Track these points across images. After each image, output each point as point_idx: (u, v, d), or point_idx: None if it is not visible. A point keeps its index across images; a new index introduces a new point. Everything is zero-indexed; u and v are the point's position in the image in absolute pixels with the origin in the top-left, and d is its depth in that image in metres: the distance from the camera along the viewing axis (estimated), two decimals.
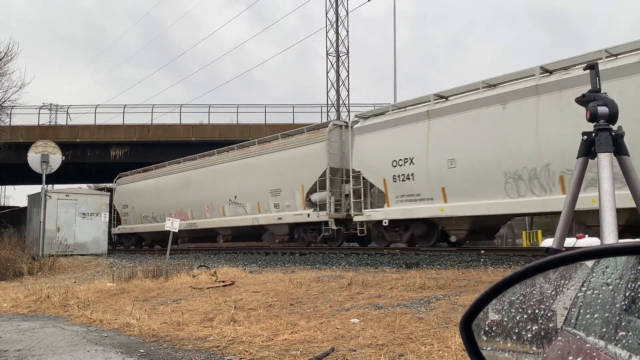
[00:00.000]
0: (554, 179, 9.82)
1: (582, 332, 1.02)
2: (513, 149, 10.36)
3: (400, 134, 12.68)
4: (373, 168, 13.49)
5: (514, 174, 10.40)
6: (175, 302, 6.97)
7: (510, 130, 10.41)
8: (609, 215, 2.34)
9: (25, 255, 14.17)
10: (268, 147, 17.20)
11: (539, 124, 9.98)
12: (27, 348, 4.77)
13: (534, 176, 10.12)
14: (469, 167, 11.13)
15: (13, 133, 28.49)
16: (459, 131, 11.31)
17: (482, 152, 10.85)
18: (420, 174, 12.21)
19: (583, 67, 2.92)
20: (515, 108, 10.37)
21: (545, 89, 9.96)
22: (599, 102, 2.50)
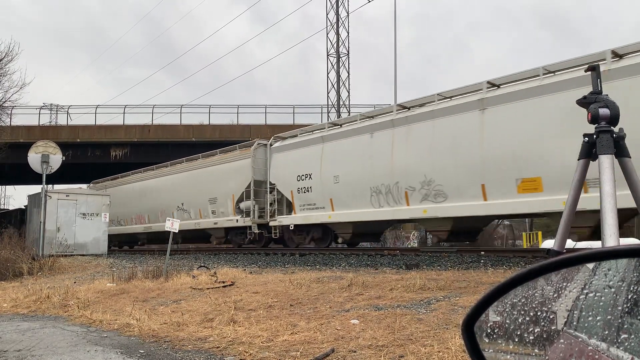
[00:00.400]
0: (401, 194, 12.41)
1: (584, 334, 1.02)
2: (376, 169, 13.00)
3: (303, 154, 15.43)
4: (284, 181, 16.25)
5: (376, 189, 13.02)
6: (175, 302, 6.97)
7: (375, 154, 13.11)
8: (610, 217, 2.34)
9: (25, 256, 14.17)
10: (209, 161, 19.89)
11: (393, 150, 12.64)
12: (27, 348, 4.77)
13: (388, 191, 12.74)
14: (348, 183, 13.83)
15: (13, 133, 28.53)
16: (342, 153, 14.05)
17: (356, 170, 13.56)
18: (316, 187, 14.86)
19: (584, 69, 2.92)
20: (379, 137, 13.07)
21: (399, 123, 12.65)
22: (600, 104, 2.50)
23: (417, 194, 11.99)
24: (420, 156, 11.89)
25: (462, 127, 10.97)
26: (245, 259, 14.41)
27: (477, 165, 10.72)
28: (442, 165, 11.37)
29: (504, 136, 10.28)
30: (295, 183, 15.48)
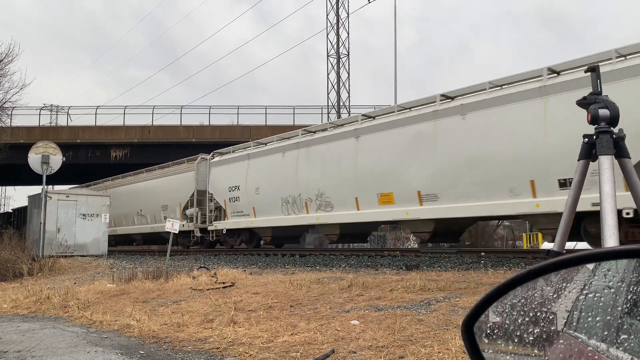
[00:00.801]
0: (302, 204, 14.97)
1: (584, 335, 1.02)
2: (286, 183, 15.48)
3: (234, 169, 18.12)
4: (219, 192, 18.85)
5: (285, 200, 15.48)
6: (175, 303, 6.97)
7: (285, 171, 15.69)
8: (610, 218, 2.34)
9: (25, 256, 14.17)
10: (163, 172, 22.70)
11: (298, 168, 15.29)
12: (27, 349, 4.77)
13: (294, 201, 15.22)
14: (266, 194, 16.33)
15: (14, 134, 28.53)
16: (262, 169, 16.65)
17: (272, 184, 16.07)
18: (242, 197, 17.47)
19: (584, 69, 2.93)
20: (288, 156, 15.67)
21: (302, 145, 15.27)
22: (600, 105, 2.50)
23: (314, 204, 14.62)
24: (316, 173, 14.56)
25: (344, 151, 13.77)
26: (245, 259, 14.40)
27: (352, 181, 13.38)
28: (330, 181, 14.03)
29: (370, 159, 12.96)
30: (228, 193, 18.21)
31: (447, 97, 11.48)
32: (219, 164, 19.08)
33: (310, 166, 14.75)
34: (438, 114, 11.44)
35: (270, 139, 17.34)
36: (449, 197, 11.11)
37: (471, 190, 10.65)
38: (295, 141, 15.56)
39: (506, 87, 10.56)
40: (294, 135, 16.04)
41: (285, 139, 16.41)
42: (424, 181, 11.59)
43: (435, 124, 11.46)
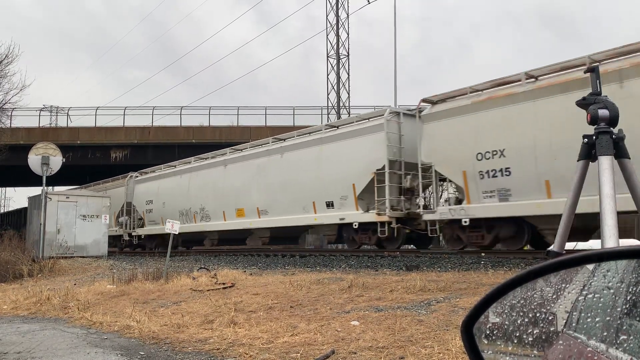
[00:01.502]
0: (192, 216, 19.51)
1: (583, 335, 1.02)
2: (182, 198, 19.88)
3: (150, 186, 22.39)
4: (140, 204, 23.15)
5: (181, 212, 19.83)
6: (175, 304, 6.96)
7: (182, 190, 20.09)
8: (610, 218, 2.34)
9: (26, 257, 14.17)
10: (105, 187, 26.20)
11: (189, 188, 19.78)
12: (27, 350, 4.77)
13: (187, 213, 19.70)
14: (170, 207, 20.44)
15: (13, 135, 28.53)
16: (168, 187, 21.04)
17: (174, 199, 20.53)
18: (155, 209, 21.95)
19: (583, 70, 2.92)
20: (184, 178, 20.20)
21: (193, 170, 20.07)
22: (600, 105, 2.50)
23: (199, 216, 19.21)
24: (199, 192, 19.13)
25: (217, 176, 18.39)
26: (245, 260, 14.40)
27: (221, 199, 17.98)
28: (208, 198, 18.61)
29: (232, 182, 17.53)
30: (145, 205, 22.60)
31: (278, 139, 16.62)
32: (140, 182, 23.49)
33: (196, 187, 19.49)
34: (269, 152, 16.39)
35: (175, 163, 22.02)
36: (275, 212, 15.86)
37: (285, 207, 15.41)
38: (188, 167, 20.47)
39: (306, 135, 15.58)
40: (188, 162, 20.84)
41: (183, 164, 21.23)
42: (261, 200, 16.28)
43: (268, 159, 16.35)
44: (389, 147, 12.62)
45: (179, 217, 19.20)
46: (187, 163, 20.75)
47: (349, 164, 13.53)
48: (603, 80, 2.71)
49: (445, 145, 11.54)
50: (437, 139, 11.73)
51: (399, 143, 12.88)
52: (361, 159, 13.21)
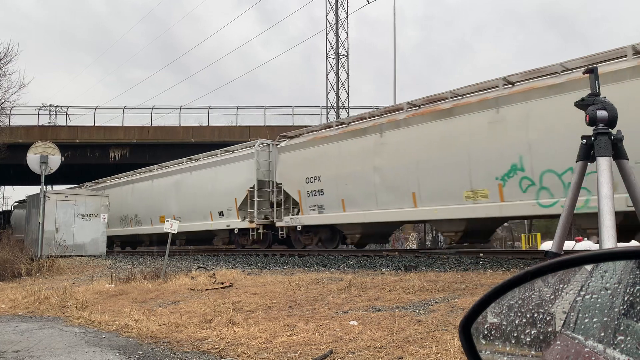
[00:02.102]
0: (129, 221, 23.30)
1: (581, 336, 1.02)
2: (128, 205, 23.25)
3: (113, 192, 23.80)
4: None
5: (129, 216, 23.28)
6: (173, 303, 6.96)
7: (127, 198, 23.35)
8: (608, 219, 2.34)
9: (24, 256, 14.15)
10: None
11: (132, 197, 23.13)
12: (25, 349, 4.76)
13: (131, 218, 23.15)
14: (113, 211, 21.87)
15: (12, 134, 28.47)
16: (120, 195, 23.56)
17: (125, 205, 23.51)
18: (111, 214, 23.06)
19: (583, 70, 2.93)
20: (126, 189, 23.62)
21: (136, 181, 23.30)
22: (599, 106, 2.50)
23: (133, 221, 23.01)
24: (135, 201, 22.67)
25: (146, 188, 22.34)
26: (244, 260, 14.40)
27: (150, 208, 21.73)
28: (141, 207, 22.38)
29: (157, 194, 21.33)
30: None
31: (191, 159, 20.46)
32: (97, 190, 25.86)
33: (133, 197, 22.97)
34: (183, 170, 20.26)
35: (121, 175, 24.95)
36: (186, 219, 18.94)
37: (193, 216, 19.18)
38: (129, 179, 23.72)
39: (207, 158, 19.52)
40: (129, 175, 24.12)
41: (126, 176, 24.23)
42: (176, 209, 19.71)
43: (182, 175, 20.26)
44: (258, 170, 16.65)
45: (120, 222, 23.58)
46: (128, 175, 24.22)
47: (233, 183, 17.56)
48: None
49: (290, 171, 15.72)
50: (285, 165, 15.91)
51: (268, 167, 16.86)
52: (240, 179, 17.15)
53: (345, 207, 13.80)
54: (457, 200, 11.15)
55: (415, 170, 11.94)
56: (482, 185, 10.73)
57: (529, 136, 9.90)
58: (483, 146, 10.69)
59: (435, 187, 11.55)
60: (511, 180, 10.26)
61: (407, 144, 12.14)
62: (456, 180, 11.11)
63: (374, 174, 12.96)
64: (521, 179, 10.11)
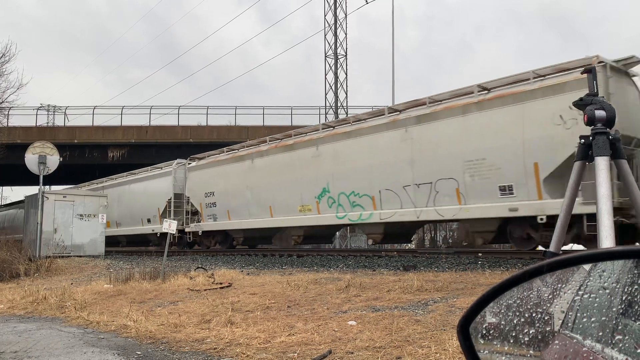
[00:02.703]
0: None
1: (579, 335, 1.02)
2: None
3: None
4: None
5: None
6: (172, 304, 6.96)
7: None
8: (606, 219, 2.35)
9: (22, 257, 14.12)
10: None
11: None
12: (23, 350, 4.75)
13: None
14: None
15: (11, 134, 28.43)
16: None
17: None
18: None
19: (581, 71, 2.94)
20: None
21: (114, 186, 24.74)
22: (597, 106, 2.50)
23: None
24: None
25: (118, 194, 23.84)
26: (242, 260, 14.39)
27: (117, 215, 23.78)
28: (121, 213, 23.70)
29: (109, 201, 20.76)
30: None
31: (132, 173, 23.76)
32: None
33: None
34: (123, 183, 23.83)
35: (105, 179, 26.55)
36: (124, 224, 23.58)
37: (130, 221, 23.10)
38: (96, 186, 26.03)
39: (143, 172, 23.07)
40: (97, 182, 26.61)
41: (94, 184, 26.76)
42: (118, 215, 23.44)
43: (122, 187, 23.84)
44: (175, 185, 20.43)
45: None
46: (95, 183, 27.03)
47: (157, 195, 21.26)
48: None
49: (195, 187, 19.61)
50: (192, 182, 19.83)
51: (183, 183, 20.40)
52: (162, 192, 20.92)
53: (230, 216, 17.85)
54: (296, 212, 15.15)
55: (272, 189, 15.86)
56: (308, 202, 14.73)
57: (333, 168, 13.93)
58: (309, 173, 14.64)
59: (284, 202, 15.48)
60: (323, 199, 14.22)
61: (267, 168, 16.15)
62: (295, 198, 15.02)
63: (247, 191, 16.92)
64: (328, 198, 14.12)
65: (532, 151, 9.91)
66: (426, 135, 11.76)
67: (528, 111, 10.02)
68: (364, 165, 13.08)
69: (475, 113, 10.89)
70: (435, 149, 11.52)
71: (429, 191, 11.59)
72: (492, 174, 10.54)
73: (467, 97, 11.19)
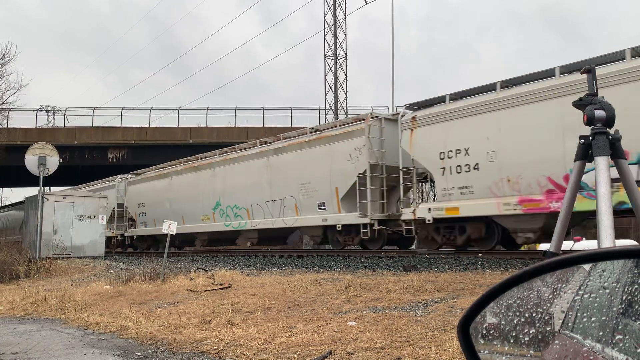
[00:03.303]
0: None
1: (579, 335, 1.02)
2: None
3: None
4: None
5: None
6: (172, 304, 6.95)
7: None
8: (606, 218, 2.34)
9: (22, 258, 14.12)
10: None
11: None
12: (23, 351, 4.75)
13: None
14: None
15: (10, 135, 28.46)
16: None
17: None
18: None
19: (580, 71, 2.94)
20: None
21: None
22: (596, 106, 2.50)
23: None
24: None
25: None
26: (242, 261, 14.39)
27: None
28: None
29: None
30: None
31: (90, 184, 25.95)
32: None
33: None
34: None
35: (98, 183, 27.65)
36: None
37: None
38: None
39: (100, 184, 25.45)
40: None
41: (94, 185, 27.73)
42: None
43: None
44: (117, 196, 23.81)
45: None
46: None
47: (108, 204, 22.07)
48: None
49: (132, 198, 23.34)
50: (130, 194, 23.47)
51: (124, 194, 23.86)
52: (111, 201, 22.60)
53: (156, 224, 20.95)
54: (200, 221, 19.25)
55: (183, 202, 19.87)
56: (207, 213, 18.81)
57: (223, 186, 18.00)
58: (208, 189, 18.61)
59: (191, 212, 19.55)
60: (217, 210, 18.34)
61: (181, 185, 20.17)
62: (199, 208, 19.15)
63: (167, 203, 20.80)
64: (220, 210, 18.25)
65: (335, 178, 14.17)
66: (279, 163, 15.93)
67: (334, 150, 14.26)
68: (242, 184, 17.14)
69: (306, 149, 15.13)
70: (283, 174, 15.68)
71: (280, 205, 15.74)
72: (314, 194, 14.74)
73: (305, 136, 15.56)
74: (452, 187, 11.40)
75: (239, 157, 17.70)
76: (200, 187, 19.05)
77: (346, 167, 13.81)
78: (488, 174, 10.78)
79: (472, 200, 11.08)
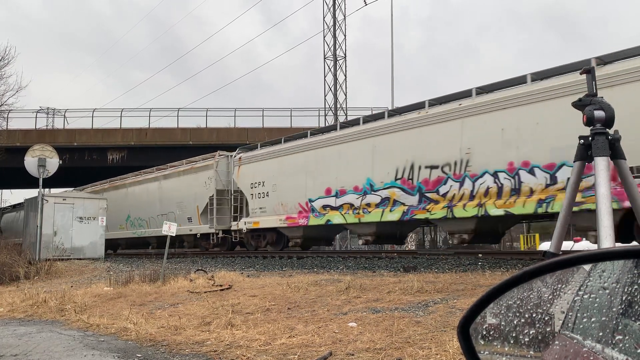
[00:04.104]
0: None
1: (580, 335, 1.02)
2: None
3: None
4: None
5: None
6: (172, 306, 6.95)
7: None
8: (606, 219, 2.34)
9: (22, 260, 14.11)
10: None
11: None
12: (23, 353, 4.75)
13: None
14: None
15: (10, 137, 28.46)
16: None
17: None
18: None
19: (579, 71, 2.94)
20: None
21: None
22: (596, 106, 2.51)
23: None
24: None
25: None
26: (242, 262, 14.38)
27: None
28: None
29: None
30: None
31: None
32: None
33: None
34: None
35: None
36: None
37: None
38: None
39: None
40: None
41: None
42: None
43: None
44: None
45: None
46: None
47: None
48: None
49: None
50: None
51: None
52: None
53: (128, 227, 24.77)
54: (118, 229, 24.37)
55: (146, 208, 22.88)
56: (122, 223, 24.28)
57: (132, 202, 24.02)
58: (124, 204, 23.97)
59: (113, 223, 23.49)
60: (129, 221, 24.04)
61: (141, 193, 23.35)
62: (123, 219, 24.07)
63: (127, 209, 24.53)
64: (130, 221, 24.00)
65: (197, 199, 19.40)
66: (166, 186, 21.54)
67: (197, 178, 19.58)
68: (144, 201, 22.74)
69: (182, 176, 20.81)
70: (169, 193, 21.21)
71: (165, 218, 19.10)
72: (185, 210, 20.02)
73: (182, 166, 21.07)
74: (256, 207, 16.91)
75: (143, 180, 23.40)
76: (118, 203, 23.79)
77: (203, 191, 19.11)
78: (273, 199, 16.23)
79: (266, 217, 16.48)
